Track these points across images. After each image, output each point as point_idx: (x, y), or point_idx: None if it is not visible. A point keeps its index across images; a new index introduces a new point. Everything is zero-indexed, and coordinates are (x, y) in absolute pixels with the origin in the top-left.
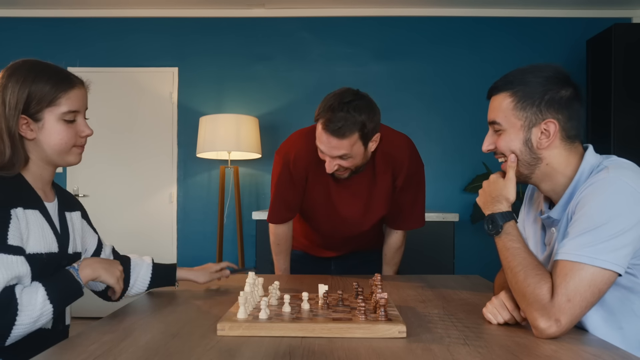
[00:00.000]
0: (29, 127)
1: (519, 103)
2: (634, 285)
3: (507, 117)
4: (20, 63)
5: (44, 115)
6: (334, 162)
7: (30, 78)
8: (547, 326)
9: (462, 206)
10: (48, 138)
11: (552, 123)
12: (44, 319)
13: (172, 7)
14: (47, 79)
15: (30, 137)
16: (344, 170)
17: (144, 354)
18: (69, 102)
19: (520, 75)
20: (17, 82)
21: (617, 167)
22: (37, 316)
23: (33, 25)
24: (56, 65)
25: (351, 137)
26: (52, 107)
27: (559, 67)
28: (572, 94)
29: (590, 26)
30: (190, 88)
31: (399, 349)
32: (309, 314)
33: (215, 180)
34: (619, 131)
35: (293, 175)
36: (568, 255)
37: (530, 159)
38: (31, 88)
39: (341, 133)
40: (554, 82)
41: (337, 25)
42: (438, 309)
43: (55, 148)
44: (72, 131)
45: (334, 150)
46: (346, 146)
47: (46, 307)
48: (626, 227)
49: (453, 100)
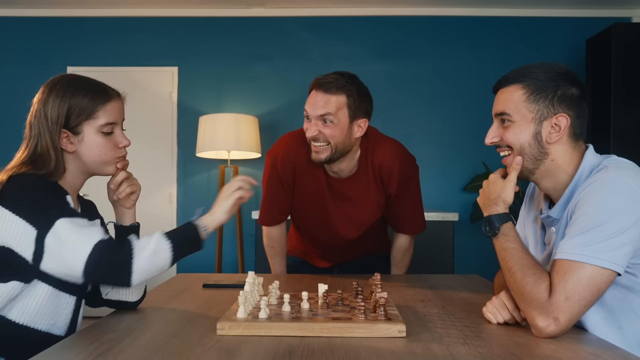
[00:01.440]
0: (69, 141)
1: (532, 95)
2: (634, 284)
3: (518, 109)
4: (59, 78)
5: (83, 128)
6: (316, 126)
7: (70, 93)
8: (545, 325)
9: (461, 206)
10: (87, 151)
11: (563, 117)
12: (163, 255)
13: (172, 6)
14: (85, 92)
15: (71, 150)
16: (324, 147)
17: (144, 353)
18: (106, 115)
19: (531, 70)
20: (57, 96)
21: (616, 167)
22: (153, 249)
23: (32, 24)
24: (93, 79)
25: (338, 97)
26: (90, 120)
27: (568, 65)
28: (580, 94)
29: (589, 26)
30: (190, 87)
31: (398, 349)
32: (309, 313)
33: (215, 180)
34: (618, 130)
35: (280, 176)
36: (567, 255)
37: (537, 153)
38: (70, 102)
39: (329, 87)
40: (565, 78)
41: (336, 25)
42: (438, 308)
43: (94, 160)
44: (110, 143)
45: (319, 106)
46: (332, 103)
47: (162, 243)
48: (625, 226)
49: (452, 99)
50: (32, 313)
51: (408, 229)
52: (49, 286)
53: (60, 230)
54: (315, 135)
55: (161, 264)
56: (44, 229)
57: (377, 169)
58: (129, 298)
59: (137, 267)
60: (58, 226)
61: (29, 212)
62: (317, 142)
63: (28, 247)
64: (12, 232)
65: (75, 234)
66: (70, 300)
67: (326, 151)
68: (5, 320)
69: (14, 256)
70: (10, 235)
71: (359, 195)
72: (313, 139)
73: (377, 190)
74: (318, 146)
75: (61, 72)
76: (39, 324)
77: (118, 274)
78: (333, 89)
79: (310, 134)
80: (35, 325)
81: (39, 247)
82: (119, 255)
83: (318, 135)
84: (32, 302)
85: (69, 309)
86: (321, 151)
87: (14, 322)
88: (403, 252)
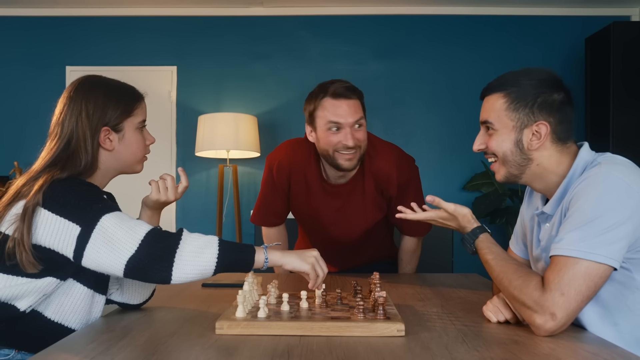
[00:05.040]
0: (108, 138)
1: (512, 104)
2: (628, 279)
3: (499, 118)
4: (97, 78)
5: (124, 125)
6: (351, 134)
7: (111, 93)
8: (543, 321)
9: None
10: (127, 148)
11: (543, 125)
12: (206, 259)
13: (170, 5)
14: (124, 91)
15: (110, 148)
16: (355, 153)
17: (143, 352)
18: (142, 112)
19: (514, 78)
20: (100, 96)
21: (610, 163)
22: (201, 245)
23: (30, 24)
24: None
25: (357, 101)
26: (131, 118)
27: (552, 71)
28: (564, 98)
29: (588, 24)
30: (188, 87)
31: (397, 348)
32: (308, 312)
33: (214, 179)
34: (617, 129)
35: (275, 182)
36: (562, 251)
37: (520, 159)
38: (114, 102)
39: (350, 94)
40: (547, 85)
41: (335, 24)
42: (437, 307)
43: (131, 157)
44: (143, 140)
45: (353, 111)
46: (358, 107)
47: (210, 248)
48: (619, 221)
49: (451, 98)
50: (68, 311)
51: (412, 231)
52: (84, 286)
53: (107, 225)
54: (354, 144)
55: (201, 268)
56: (89, 226)
57: (375, 173)
58: (132, 301)
59: (179, 260)
60: (105, 221)
61: (70, 210)
62: (352, 150)
63: (69, 244)
64: (53, 232)
65: (122, 229)
66: (101, 300)
67: (356, 156)
68: (42, 316)
69: (54, 255)
70: (52, 235)
71: (354, 200)
72: (349, 148)
73: (374, 195)
74: (352, 153)
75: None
76: (72, 322)
77: (160, 265)
78: (353, 95)
79: (351, 142)
80: (68, 323)
81: (81, 244)
82: (166, 243)
83: (355, 143)
84: (68, 301)
85: (100, 307)
86: (353, 157)
87: (50, 319)
88: (410, 254)
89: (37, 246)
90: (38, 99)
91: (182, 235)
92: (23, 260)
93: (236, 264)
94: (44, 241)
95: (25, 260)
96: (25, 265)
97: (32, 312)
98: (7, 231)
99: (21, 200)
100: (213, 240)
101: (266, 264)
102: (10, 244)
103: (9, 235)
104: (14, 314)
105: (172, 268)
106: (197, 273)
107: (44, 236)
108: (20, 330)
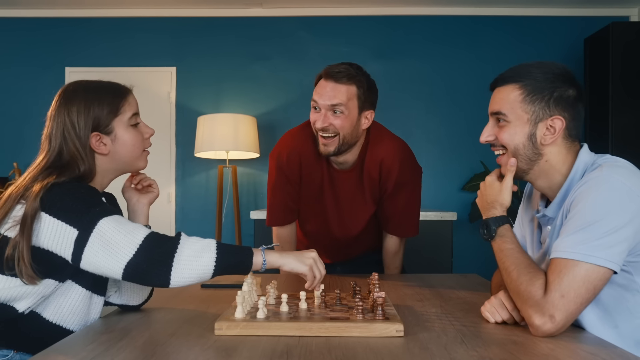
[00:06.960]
0: (101, 142)
1: (528, 96)
2: (629, 282)
3: (513, 109)
4: (74, 86)
5: (113, 126)
6: (326, 117)
7: (91, 96)
8: (541, 322)
9: (460, 205)
10: (122, 147)
11: (559, 120)
12: (204, 262)
13: (170, 6)
14: (105, 92)
15: (105, 152)
16: (333, 139)
17: (142, 353)
18: (130, 107)
19: (529, 69)
20: (81, 102)
21: (611, 165)
22: (199, 249)
23: (30, 25)
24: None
25: (349, 87)
26: (119, 116)
27: (565, 66)
28: (577, 95)
29: (587, 25)
30: (188, 88)
31: (396, 348)
32: (307, 313)
33: (213, 180)
34: (617, 129)
35: (287, 175)
36: (562, 253)
37: (531, 154)
38: (96, 105)
39: (340, 77)
40: (562, 80)
41: (335, 25)
42: (436, 307)
43: (129, 155)
44: (139, 134)
45: (330, 96)
46: (343, 93)
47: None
48: (620, 224)
49: (451, 98)
50: (66, 313)
51: (394, 230)
52: (82, 288)
53: (105, 229)
54: (325, 126)
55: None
56: (86, 229)
57: (378, 163)
58: (131, 302)
59: (177, 263)
60: (102, 225)
61: (69, 214)
62: (326, 133)
63: (67, 247)
64: (51, 235)
65: (120, 233)
66: (99, 301)
67: (334, 143)
68: (40, 318)
69: (53, 257)
70: (50, 238)
71: (354, 188)
72: (322, 130)
73: (372, 185)
74: (327, 137)
75: (59, 72)
76: (70, 323)
77: (158, 270)
78: (344, 79)
79: (320, 124)
80: (67, 324)
81: (79, 247)
82: (164, 247)
83: (328, 127)
84: (66, 303)
85: (98, 308)
86: (329, 143)
87: (48, 320)
88: (392, 254)
89: (36, 248)
90: (37, 100)
91: (180, 239)
92: (22, 273)
93: (234, 266)
94: (43, 243)
95: (25, 273)
96: (25, 278)
97: (31, 313)
98: (6, 232)
99: (20, 203)
100: (211, 243)
101: (264, 266)
102: (9, 250)
103: (9, 238)
104: (13, 315)
105: (170, 272)
106: (196, 276)
107: (43, 239)
108: (19, 331)
